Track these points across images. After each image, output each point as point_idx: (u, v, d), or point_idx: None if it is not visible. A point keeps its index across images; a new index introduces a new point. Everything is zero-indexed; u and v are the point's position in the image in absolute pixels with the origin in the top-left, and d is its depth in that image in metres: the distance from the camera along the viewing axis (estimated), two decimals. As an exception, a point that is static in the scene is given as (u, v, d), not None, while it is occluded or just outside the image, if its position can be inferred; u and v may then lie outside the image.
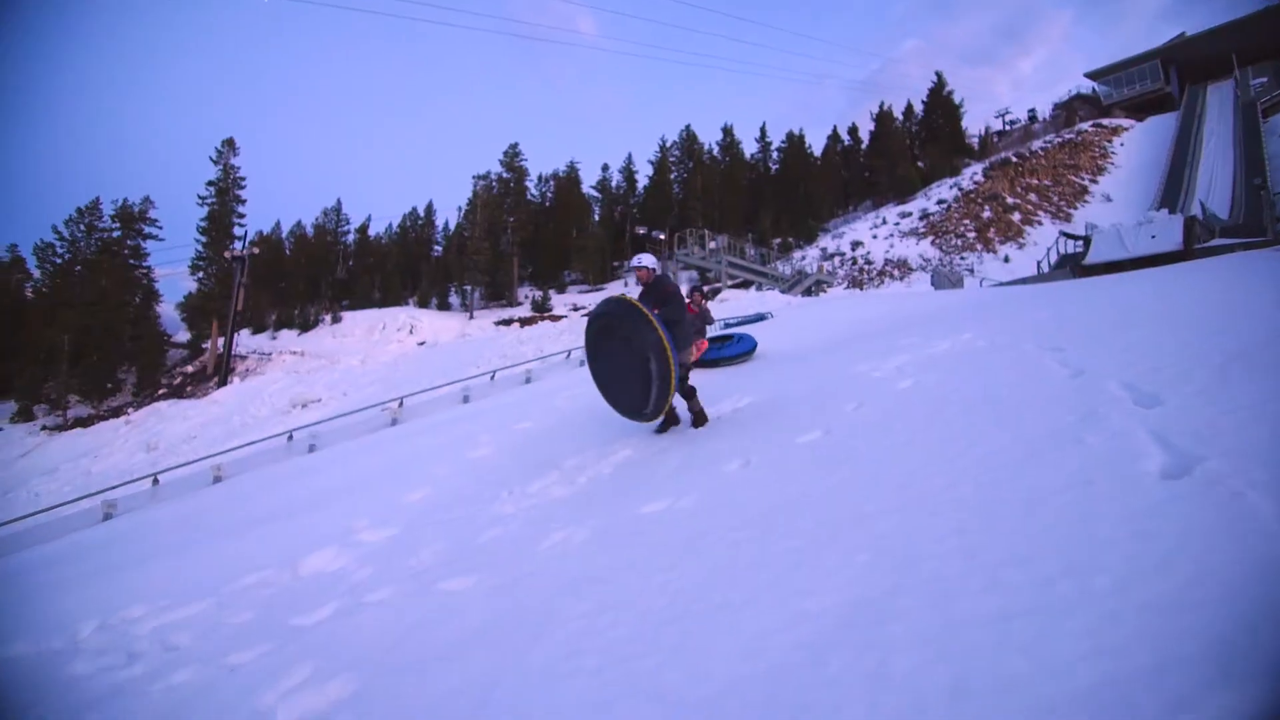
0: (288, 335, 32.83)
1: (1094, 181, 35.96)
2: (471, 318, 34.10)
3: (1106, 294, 6.24)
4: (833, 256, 33.01)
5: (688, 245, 29.35)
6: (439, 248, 45.70)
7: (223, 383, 26.53)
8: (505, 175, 39.91)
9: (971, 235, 32.31)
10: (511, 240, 38.18)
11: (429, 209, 47.23)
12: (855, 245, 33.57)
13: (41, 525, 9.20)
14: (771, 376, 5.74)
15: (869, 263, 31.62)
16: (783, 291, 22.90)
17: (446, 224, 46.55)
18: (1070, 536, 1.74)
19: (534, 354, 17.07)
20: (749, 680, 1.59)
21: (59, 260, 31.52)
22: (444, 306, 38.56)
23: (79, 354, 27.60)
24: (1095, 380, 2.98)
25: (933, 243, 32.34)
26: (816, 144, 47.08)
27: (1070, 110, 46.73)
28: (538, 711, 1.85)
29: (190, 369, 30.44)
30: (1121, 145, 39.09)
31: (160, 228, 32.53)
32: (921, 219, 34.68)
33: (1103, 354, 3.49)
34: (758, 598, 1.97)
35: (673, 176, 43.25)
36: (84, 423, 25.18)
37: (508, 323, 31.27)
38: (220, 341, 29.31)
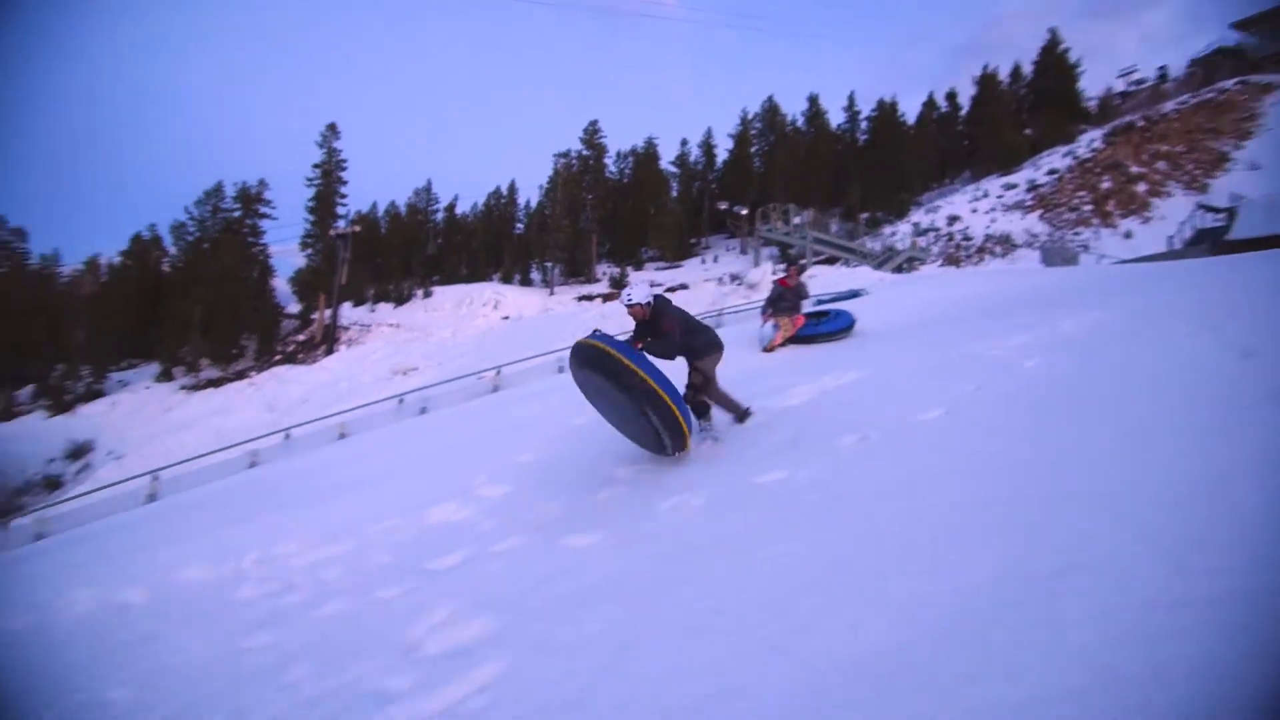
0: (384, 308, 34.87)
1: (1238, 147, 31.66)
2: (552, 293, 34.91)
3: (1263, 271, 5.56)
4: (926, 232, 31.06)
5: (770, 220, 28.60)
6: (520, 225, 46.86)
7: (329, 351, 28.80)
8: (585, 153, 40.14)
9: (1087, 209, 29.46)
10: (590, 217, 38.54)
11: (511, 187, 48.36)
12: (952, 220, 31.40)
13: (196, 471, 10.44)
14: (875, 353, 5.55)
15: (967, 238, 29.55)
16: (874, 268, 21.89)
17: (528, 202, 47.56)
18: (1261, 524, 1.60)
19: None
20: (904, 646, 1.58)
21: (190, 238, 34.98)
22: (526, 282, 39.66)
23: (209, 323, 30.69)
24: (1271, 361, 2.69)
25: (1041, 217, 29.76)
26: (909, 113, 44.14)
27: (1210, 66, 40.93)
28: (679, 657, 1.91)
29: (301, 338, 33.08)
30: (1274, 105, 34.11)
31: (274, 208, 35.25)
32: (1029, 191, 31.93)
33: (1272, 334, 3.14)
34: (903, 567, 1.94)
35: (754, 150, 41.88)
36: (214, 384, 28.12)
37: (589, 298, 31.77)
38: (327, 313, 31.64)
